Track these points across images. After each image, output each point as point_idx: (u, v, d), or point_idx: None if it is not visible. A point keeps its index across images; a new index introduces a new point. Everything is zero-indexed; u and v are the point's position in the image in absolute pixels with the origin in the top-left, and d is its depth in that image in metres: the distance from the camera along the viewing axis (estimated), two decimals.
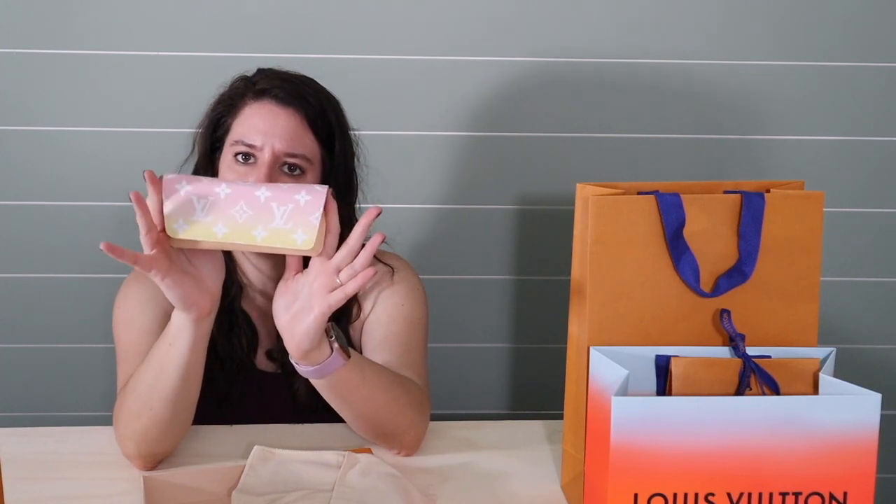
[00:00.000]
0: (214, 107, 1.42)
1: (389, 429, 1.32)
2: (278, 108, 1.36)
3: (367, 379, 1.28)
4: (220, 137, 1.40)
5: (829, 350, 1.16)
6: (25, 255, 1.88)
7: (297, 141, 1.36)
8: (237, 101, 1.39)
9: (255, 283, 1.45)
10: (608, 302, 1.18)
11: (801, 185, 1.24)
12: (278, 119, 1.35)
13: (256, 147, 1.34)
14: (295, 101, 1.37)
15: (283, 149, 1.34)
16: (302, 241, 1.15)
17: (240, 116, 1.38)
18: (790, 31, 1.83)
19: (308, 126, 1.37)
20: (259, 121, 1.35)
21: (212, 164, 1.41)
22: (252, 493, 1.21)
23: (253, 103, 1.37)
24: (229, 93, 1.41)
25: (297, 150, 1.35)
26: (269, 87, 1.37)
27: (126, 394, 1.29)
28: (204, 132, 1.42)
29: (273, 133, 1.34)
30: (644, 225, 1.18)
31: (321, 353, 1.22)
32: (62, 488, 1.26)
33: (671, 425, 1.06)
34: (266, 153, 1.34)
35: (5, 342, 1.92)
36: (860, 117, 1.88)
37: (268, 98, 1.37)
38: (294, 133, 1.36)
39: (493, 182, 1.89)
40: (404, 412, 1.32)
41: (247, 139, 1.35)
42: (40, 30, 1.77)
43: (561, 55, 1.82)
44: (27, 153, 1.83)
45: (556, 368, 1.38)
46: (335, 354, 1.22)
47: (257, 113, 1.36)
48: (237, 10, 1.78)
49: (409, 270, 1.49)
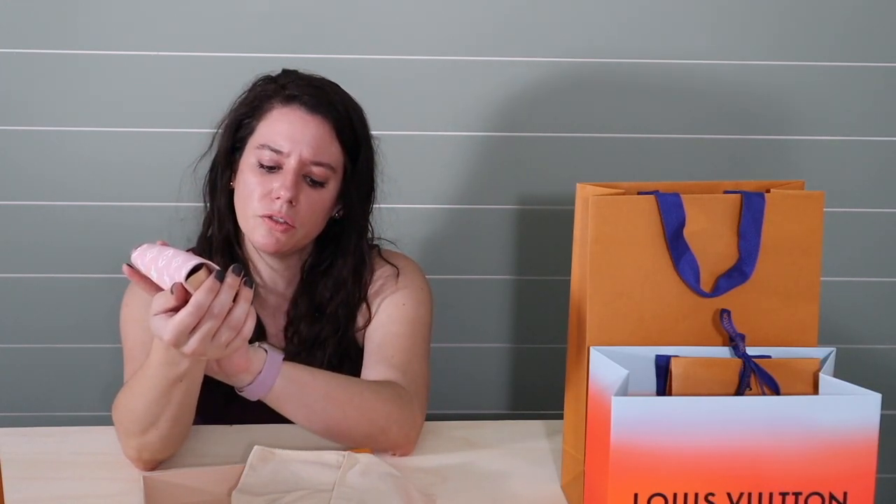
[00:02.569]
0: (238, 107, 1.42)
1: (361, 430, 1.30)
2: (308, 115, 1.36)
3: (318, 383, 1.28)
4: (242, 138, 1.40)
5: (829, 350, 1.16)
6: (25, 255, 1.88)
7: (325, 149, 1.36)
8: (264, 104, 1.39)
9: (267, 282, 1.46)
10: (608, 302, 1.18)
11: (801, 185, 1.24)
12: (307, 126, 1.36)
13: (283, 153, 1.34)
14: (324, 109, 1.37)
15: (310, 157, 1.35)
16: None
17: (266, 119, 1.38)
18: (790, 31, 1.83)
19: (335, 134, 1.38)
20: (287, 126, 1.35)
21: (230, 163, 1.42)
22: (252, 493, 1.21)
23: (282, 108, 1.37)
24: (255, 94, 1.41)
25: (324, 159, 1.36)
26: (298, 93, 1.37)
27: (127, 409, 1.27)
28: (225, 131, 1.42)
29: (301, 140, 1.35)
30: (644, 225, 1.18)
31: (249, 372, 1.23)
32: (62, 488, 1.26)
33: (671, 425, 1.06)
34: (293, 160, 1.34)
35: (5, 342, 1.92)
36: (861, 117, 1.88)
37: (297, 104, 1.37)
38: (322, 141, 1.36)
39: (493, 182, 1.89)
40: (380, 411, 1.30)
41: (274, 144, 1.35)
42: (40, 30, 1.77)
43: (562, 55, 1.82)
44: (27, 153, 1.83)
45: (556, 368, 1.38)
46: (266, 366, 1.23)
47: (286, 118, 1.36)
48: (239, 9, 1.78)
49: (414, 271, 1.49)
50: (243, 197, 1.38)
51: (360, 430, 1.30)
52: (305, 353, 1.44)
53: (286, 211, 1.34)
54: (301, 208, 1.36)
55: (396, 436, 1.32)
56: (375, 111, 1.45)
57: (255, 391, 1.24)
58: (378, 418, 1.31)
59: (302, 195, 1.36)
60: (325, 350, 1.44)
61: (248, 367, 1.22)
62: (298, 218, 1.36)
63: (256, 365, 1.23)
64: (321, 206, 1.39)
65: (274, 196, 1.35)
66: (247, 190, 1.37)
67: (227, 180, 1.42)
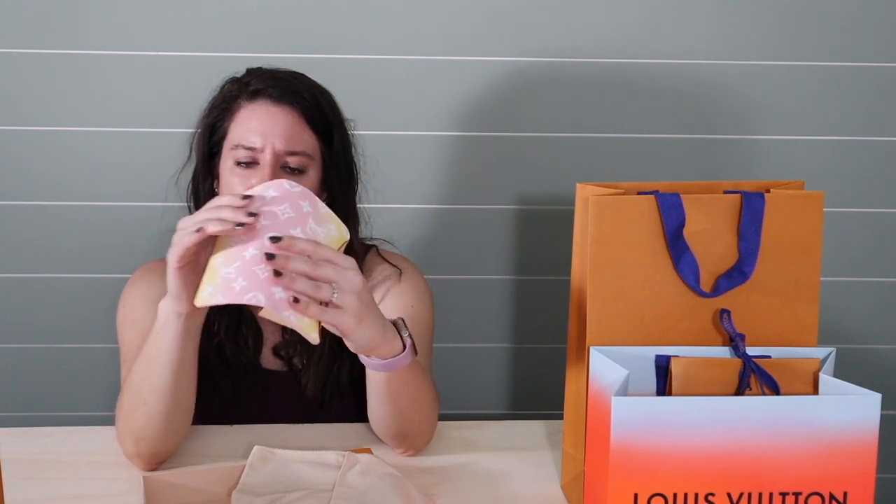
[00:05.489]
0: (209, 112, 1.41)
1: (413, 429, 1.32)
2: (274, 108, 1.36)
3: (418, 378, 1.27)
4: (217, 142, 1.40)
5: (829, 350, 1.16)
6: (25, 255, 1.88)
7: (297, 138, 1.36)
8: (231, 105, 1.38)
9: None
10: (608, 302, 1.18)
11: (801, 185, 1.24)
12: (276, 118, 1.35)
13: (257, 149, 1.34)
14: (290, 99, 1.37)
15: (283, 147, 1.34)
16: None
17: (236, 119, 1.37)
18: (790, 30, 1.83)
19: (306, 122, 1.37)
20: (256, 122, 1.35)
21: (210, 169, 1.41)
22: (252, 493, 1.21)
23: (248, 105, 1.37)
24: (222, 96, 1.40)
25: (298, 148, 1.35)
26: (262, 86, 1.37)
27: (123, 390, 1.29)
28: (200, 138, 1.42)
29: (272, 133, 1.34)
30: (644, 225, 1.18)
31: (391, 349, 1.18)
32: (62, 488, 1.26)
33: (671, 425, 1.06)
34: (267, 154, 1.33)
35: (5, 342, 1.92)
36: (860, 117, 1.88)
37: (262, 98, 1.37)
38: (293, 130, 1.36)
39: (493, 182, 1.89)
40: (431, 415, 1.33)
41: (246, 142, 1.35)
42: (40, 30, 1.77)
43: (561, 55, 1.82)
44: (27, 153, 1.83)
45: (556, 368, 1.38)
46: (407, 350, 1.19)
47: (254, 114, 1.36)
48: (236, 10, 1.78)
49: (416, 273, 1.49)
50: None
51: (411, 427, 1.32)
52: (302, 345, 1.44)
53: None
54: None
55: (425, 441, 1.35)
56: (375, 111, 1.45)
57: (401, 360, 1.19)
58: (426, 423, 1.33)
59: None
60: (324, 342, 1.44)
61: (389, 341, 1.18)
62: None
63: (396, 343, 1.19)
64: None
65: None
66: (229, 192, 1.36)
67: (210, 186, 1.42)
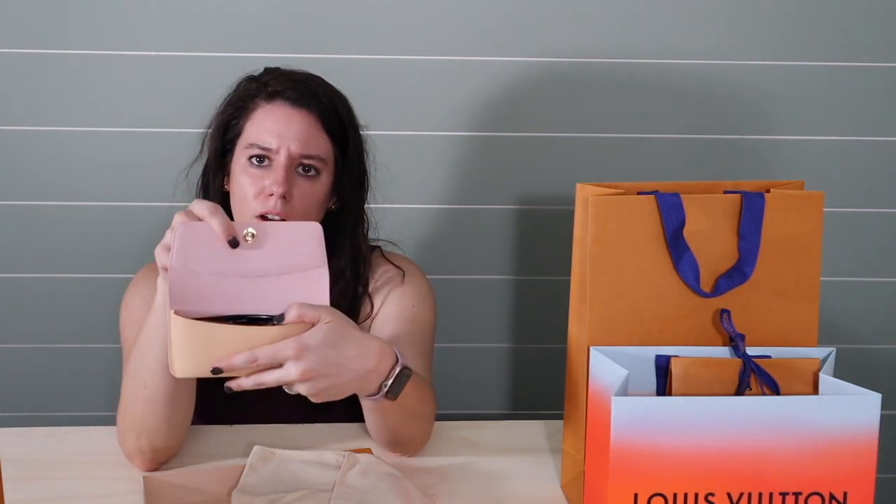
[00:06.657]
0: (224, 109, 1.41)
1: (406, 438, 1.32)
2: (292, 110, 1.36)
3: (409, 397, 1.25)
4: (231, 140, 1.40)
5: (829, 350, 1.16)
6: (25, 255, 1.88)
7: (312, 142, 1.36)
8: (248, 103, 1.38)
9: None
10: (608, 302, 1.18)
11: (801, 185, 1.24)
12: (293, 121, 1.35)
13: (272, 150, 1.34)
14: (308, 102, 1.37)
15: (298, 150, 1.34)
16: None
17: (252, 119, 1.37)
18: (791, 31, 1.83)
19: (322, 126, 1.37)
20: (273, 123, 1.35)
21: (222, 166, 1.41)
22: (252, 493, 1.21)
23: (266, 105, 1.37)
24: (239, 95, 1.40)
25: (313, 151, 1.36)
26: (281, 88, 1.37)
27: (123, 381, 1.29)
28: (213, 134, 1.42)
29: (288, 135, 1.35)
30: (644, 225, 1.18)
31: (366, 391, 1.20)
32: (62, 488, 1.26)
33: (671, 425, 1.06)
34: (282, 155, 1.34)
35: (5, 342, 1.92)
36: (861, 117, 1.88)
37: (281, 99, 1.37)
38: (309, 134, 1.36)
39: (493, 182, 1.89)
40: (425, 424, 1.34)
41: (261, 142, 1.35)
42: (40, 30, 1.77)
43: (561, 55, 1.82)
44: (27, 153, 1.83)
45: (556, 368, 1.38)
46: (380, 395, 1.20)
47: (271, 115, 1.36)
48: (239, 10, 1.78)
49: (419, 274, 1.49)
50: (238, 198, 1.37)
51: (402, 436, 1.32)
52: None
53: (280, 207, 1.34)
54: (295, 203, 1.35)
55: (421, 445, 1.35)
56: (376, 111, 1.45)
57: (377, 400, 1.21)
58: (421, 433, 1.34)
59: (295, 189, 1.35)
60: None
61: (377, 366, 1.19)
62: (293, 213, 1.35)
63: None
64: (315, 199, 1.38)
65: (267, 193, 1.34)
66: (241, 191, 1.36)
67: (221, 183, 1.42)
